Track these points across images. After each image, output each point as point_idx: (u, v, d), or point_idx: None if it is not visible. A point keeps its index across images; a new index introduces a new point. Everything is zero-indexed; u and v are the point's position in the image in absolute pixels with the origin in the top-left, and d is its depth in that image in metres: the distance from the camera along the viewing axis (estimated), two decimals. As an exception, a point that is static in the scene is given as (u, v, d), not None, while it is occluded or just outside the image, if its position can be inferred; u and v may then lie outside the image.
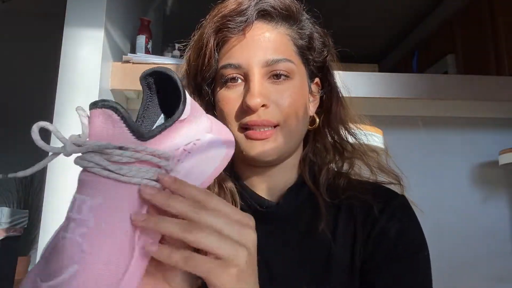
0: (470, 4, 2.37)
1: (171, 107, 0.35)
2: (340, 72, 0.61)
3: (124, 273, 0.29)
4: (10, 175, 0.30)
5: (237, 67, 0.50)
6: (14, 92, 2.58)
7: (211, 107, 0.56)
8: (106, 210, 0.29)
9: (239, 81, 0.51)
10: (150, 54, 1.35)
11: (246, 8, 0.50)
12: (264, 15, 0.52)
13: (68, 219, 0.29)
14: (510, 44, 2.06)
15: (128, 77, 1.12)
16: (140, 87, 0.36)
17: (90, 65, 1.05)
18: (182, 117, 0.33)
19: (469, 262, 1.31)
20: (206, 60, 0.51)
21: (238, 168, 0.57)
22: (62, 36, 1.07)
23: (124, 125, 0.29)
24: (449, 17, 2.60)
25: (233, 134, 0.50)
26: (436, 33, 2.74)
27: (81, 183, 0.30)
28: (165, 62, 1.15)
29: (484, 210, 1.37)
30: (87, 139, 0.30)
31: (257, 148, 0.50)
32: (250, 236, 0.33)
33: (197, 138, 0.36)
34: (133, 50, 1.40)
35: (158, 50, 1.71)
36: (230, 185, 0.54)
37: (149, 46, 1.39)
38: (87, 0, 1.09)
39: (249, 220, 0.34)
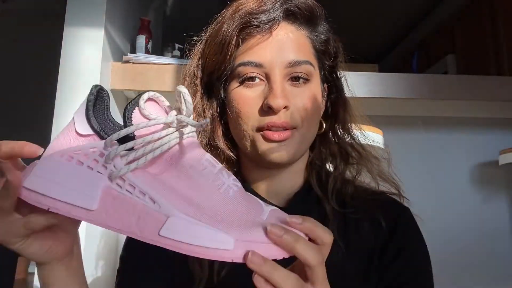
0: (470, 4, 2.37)
1: None
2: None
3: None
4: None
5: (258, 65, 0.49)
6: (14, 92, 2.58)
7: (222, 106, 0.55)
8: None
9: (257, 80, 0.50)
10: (150, 54, 1.35)
11: (271, 7, 0.50)
12: (289, 15, 0.52)
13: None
14: (510, 44, 2.06)
15: (128, 77, 1.12)
16: (140, 87, 0.37)
17: (90, 65, 1.05)
18: None
19: (469, 262, 1.31)
20: (228, 56, 0.50)
21: (246, 170, 0.56)
22: (62, 36, 1.07)
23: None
24: (449, 17, 2.60)
25: (249, 134, 0.50)
26: (436, 33, 2.74)
27: None
28: (165, 62, 1.15)
29: (484, 210, 1.37)
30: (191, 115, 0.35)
31: (274, 150, 0.49)
32: None
33: None
34: (133, 50, 1.40)
35: (158, 50, 1.71)
36: None
37: (149, 46, 1.39)
38: (87, 0, 1.09)
39: None
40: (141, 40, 1.37)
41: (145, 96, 0.35)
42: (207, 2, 2.37)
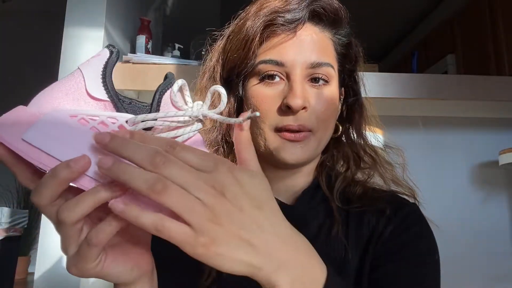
0: (470, 4, 2.38)
1: None
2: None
3: None
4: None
5: (279, 64, 0.49)
6: (14, 92, 2.58)
7: (239, 102, 0.55)
8: None
9: (277, 79, 0.50)
10: (150, 54, 1.35)
11: (297, 6, 0.50)
12: (314, 16, 0.51)
13: None
14: (510, 44, 2.06)
15: (128, 77, 1.12)
16: (140, 87, 0.36)
17: (90, 65, 1.05)
18: None
19: (469, 262, 1.31)
20: (251, 53, 0.50)
21: None
22: (62, 36, 1.08)
23: None
24: (449, 17, 2.60)
25: (265, 133, 0.50)
26: (436, 33, 2.75)
27: None
28: (165, 62, 1.15)
29: (484, 210, 1.37)
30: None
31: (289, 150, 0.49)
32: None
33: None
34: (133, 50, 1.40)
35: (158, 50, 1.71)
36: None
37: (149, 46, 1.39)
38: (87, 0, 1.09)
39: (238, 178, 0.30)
40: (141, 40, 1.37)
41: (179, 82, 0.33)
42: (207, 2, 2.37)
